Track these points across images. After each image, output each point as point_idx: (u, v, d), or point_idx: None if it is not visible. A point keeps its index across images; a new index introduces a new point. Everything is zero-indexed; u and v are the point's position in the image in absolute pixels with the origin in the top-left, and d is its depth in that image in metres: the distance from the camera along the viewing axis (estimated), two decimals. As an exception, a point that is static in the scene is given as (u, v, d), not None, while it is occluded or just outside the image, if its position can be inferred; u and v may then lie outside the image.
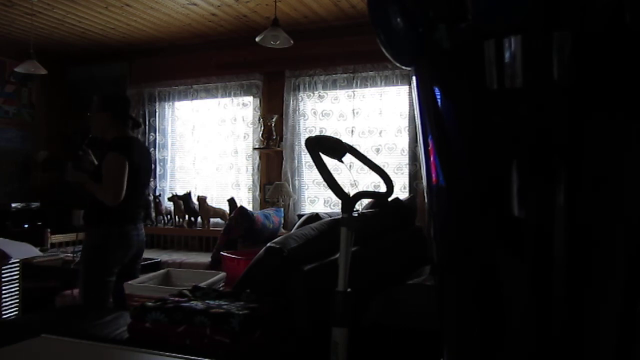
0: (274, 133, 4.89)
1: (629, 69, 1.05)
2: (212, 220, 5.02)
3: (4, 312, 3.11)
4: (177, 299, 1.90)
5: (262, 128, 4.92)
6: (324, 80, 4.82)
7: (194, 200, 5.07)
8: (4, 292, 3.13)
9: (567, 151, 1.07)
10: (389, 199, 2.00)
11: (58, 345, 1.19)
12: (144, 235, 2.92)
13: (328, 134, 4.63)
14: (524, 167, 1.11)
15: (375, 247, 2.52)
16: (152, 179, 5.45)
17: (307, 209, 4.86)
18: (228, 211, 4.78)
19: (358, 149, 1.86)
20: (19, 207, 5.14)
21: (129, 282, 2.58)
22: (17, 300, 3.24)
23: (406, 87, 4.52)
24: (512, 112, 1.12)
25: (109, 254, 2.69)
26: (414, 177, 4.49)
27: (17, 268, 3.25)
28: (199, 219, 5.10)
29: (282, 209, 4.62)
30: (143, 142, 3.14)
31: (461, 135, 1.22)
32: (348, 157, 1.80)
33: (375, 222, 2.67)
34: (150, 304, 1.82)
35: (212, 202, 5.07)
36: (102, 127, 2.80)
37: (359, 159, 1.83)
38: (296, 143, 4.91)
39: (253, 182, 5.06)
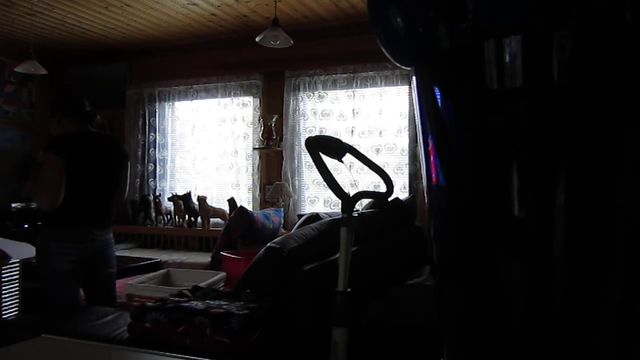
0: (274, 133, 4.89)
1: (629, 69, 1.05)
2: (212, 220, 5.02)
3: (4, 312, 3.11)
4: (177, 299, 1.90)
5: (262, 128, 4.92)
6: (324, 80, 4.82)
7: (194, 200, 5.07)
8: (4, 292, 3.13)
9: (567, 151, 1.07)
10: (389, 199, 2.00)
11: (58, 345, 1.19)
12: (106, 242, 2.60)
13: (328, 134, 4.63)
14: (524, 167, 1.11)
15: (375, 247, 2.52)
16: (150, 180, 5.46)
17: (307, 209, 4.86)
18: (228, 211, 4.79)
19: (358, 149, 1.85)
20: (19, 207, 5.13)
21: (129, 282, 2.57)
22: (17, 300, 3.24)
23: (406, 87, 4.52)
24: (512, 112, 1.12)
25: (53, 256, 2.44)
26: (414, 177, 4.49)
27: (17, 268, 3.25)
28: (199, 219, 5.10)
29: (282, 209, 4.62)
30: (105, 138, 2.75)
31: (461, 135, 1.22)
32: (348, 157, 1.80)
33: (375, 222, 2.67)
34: (150, 304, 1.82)
35: (212, 202, 5.07)
36: (55, 130, 2.63)
37: (359, 159, 1.83)
38: (296, 143, 4.91)
39: (253, 182, 5.06)
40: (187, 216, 5.15)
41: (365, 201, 3.21)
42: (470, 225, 1.21)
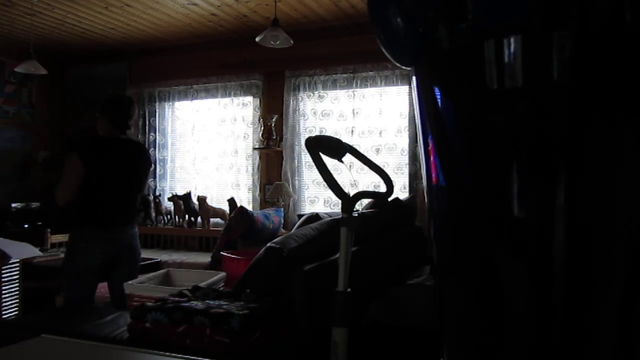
0: (274, 133, 4.89)
1: (628, 69, 1.05)
2: (212, 220, 5.02)
3: (4, 312, 3.11)
4: (177, 299, 1.90)
5: (262, 128, 4.92)
6: (324, 80, 4.82)
7: (194, 200, 5.07)
8: (4, 292, 3.14)
9: (567, 151, 1.07)
10: (389, 199, 2.00)
11: (58, 345, 1.19)
12: (132, 236, 2.77)
13: (328, 134, 4.63)
14: (524, 167, 1.11)
15: (375, 247, 2.52)
16: (149, 180, 5.45)
17: (307, 209, 4.86)
18: (228, 211, 4.78)
19: (358, 149, 1.85)
20: (19, 207, 5.13)
21: (129, 282, 2.57)
22: (17, 300, 3.24)
23: (406, 87, 4.52)
24: (512, 112, 1.12)
25: (81, 254, 2.60)
26: (414, 177, 4.49)
27: (17, 268, 3.26)
28: (199, 219, 5.10)
29: (282, 209, 4.62)
30: (132, 143, 2.91)
31: (461, 135, 1.22)
32: (348, 157, 1.80)
33: (375, 222, 2.67)
34: (150, 304, 1.82)
35: (212, 202, 5.07)
36: (99, 127, 2.78)
37: (359, 159, 1.83)
38: (296, 143, 4.91)
39: (253, 182, 5.06)
40: (187, 216, 5.14)
41: (365, 201, 3.21)
42: (470, 225, 1.21)
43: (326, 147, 1.72)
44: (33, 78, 5.47)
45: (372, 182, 4.40)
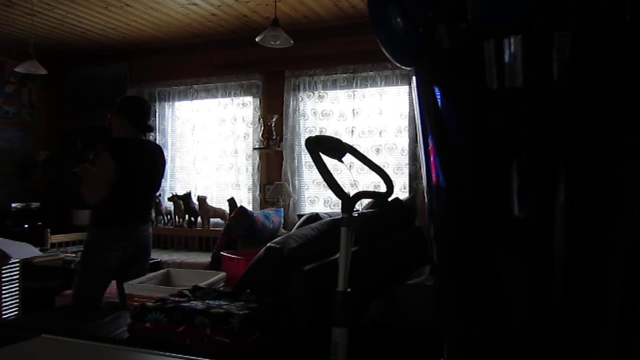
0: (274, 133, 4.89)
1: (629, 69, 1.05)
2: (212, 220, 5.02)
3: (4, 312, 3.11)
4: (177, 299, 1.90)
5: (262, 128, 4.92)
6: (324, 80, 4.82)
7: (194, 200, 5.07)
8: (4, 292, 3.14)
9: (567, 151, 1.07)
10: (389, 199, 2.00)
11: (58, 345, 1.19)
12: (148, 236, 2.88)
13: (328, 134, 4.63)
14: (524, 167, 1.11)
15: (375, 247, 2.52)
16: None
17: (307, 209, 4.86)
18: (228, 211, 4.79)
19: (358, 149, 1.85)
20: (19, 207, 5.14)
21: (129, 282, 2.57)
22: (17, 300, 3.24)
23: (406, 87, 4.52)
24: (512, 112, 1.12)
25: (102, 251, 2.67)
26: (414, 177, 4.49)
27: (17, 268, 3.26)
28: (199, 219, 5.10)
29: (282, 209, 4.62)
30: (152, 145, 3.11)
31: (461, 135, 1.22)
32: (348, 157, 1.80)
33: (375, 222, 2.67)
34: (150, 304, 1.82)
35: (212, 202, 5.07)
36: (114, 128, 2.84)
37: (359, 159, 1.83)
38: (296, 143, 4.91)
39: (253, 182, 5.07)
40: (187, 216, 5.15)
41: (365, 201, 3.21)
42: (470, 225, 1.21)
43: (326, 147, 1.72)
44: (33, 78, 5.46)
45: (372, 182, 4.40)
